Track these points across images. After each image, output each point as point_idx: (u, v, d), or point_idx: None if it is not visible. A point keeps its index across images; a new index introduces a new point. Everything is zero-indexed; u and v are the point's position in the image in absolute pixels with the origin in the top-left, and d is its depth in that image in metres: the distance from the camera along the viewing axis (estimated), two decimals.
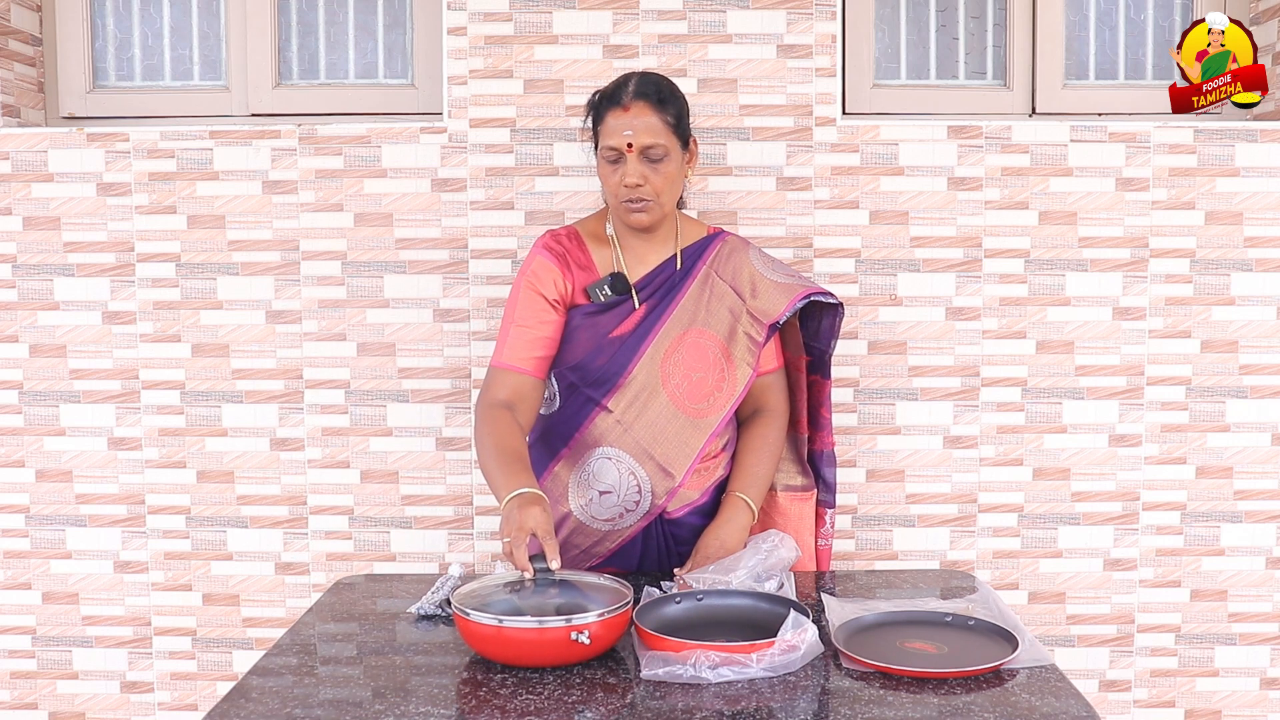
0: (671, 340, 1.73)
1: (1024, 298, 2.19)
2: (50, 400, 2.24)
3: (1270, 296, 2.19)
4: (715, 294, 1.77)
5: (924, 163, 2.18)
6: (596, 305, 1.74)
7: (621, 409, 1.71)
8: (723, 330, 1.75)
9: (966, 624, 1.42)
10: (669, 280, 1.77)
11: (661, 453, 1.72)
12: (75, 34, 2.36)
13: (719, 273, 1.78)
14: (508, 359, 1.71)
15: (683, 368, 1.73)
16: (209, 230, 2.21)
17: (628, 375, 1.72)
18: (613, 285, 1.74)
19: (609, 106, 1.68)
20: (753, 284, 1.78)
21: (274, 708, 1.22)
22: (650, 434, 1.72)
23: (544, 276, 1.73)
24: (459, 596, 1.37)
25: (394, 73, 2.38)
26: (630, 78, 1.70)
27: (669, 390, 1.72)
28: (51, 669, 2.29)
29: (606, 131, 1.68)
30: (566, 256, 1.75)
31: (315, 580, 2.25)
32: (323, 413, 2.23)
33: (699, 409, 1.74)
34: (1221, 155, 2.17)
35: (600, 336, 1.73)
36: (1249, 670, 2.25)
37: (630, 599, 1.36)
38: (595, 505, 1.74)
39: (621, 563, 1.78)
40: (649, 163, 1.67)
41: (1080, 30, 2.37)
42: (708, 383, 1.74)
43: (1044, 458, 2.22)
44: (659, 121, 1.66)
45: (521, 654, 1.30)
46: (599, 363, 1.72)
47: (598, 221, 1.81)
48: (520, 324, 1.72)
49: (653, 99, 1.67)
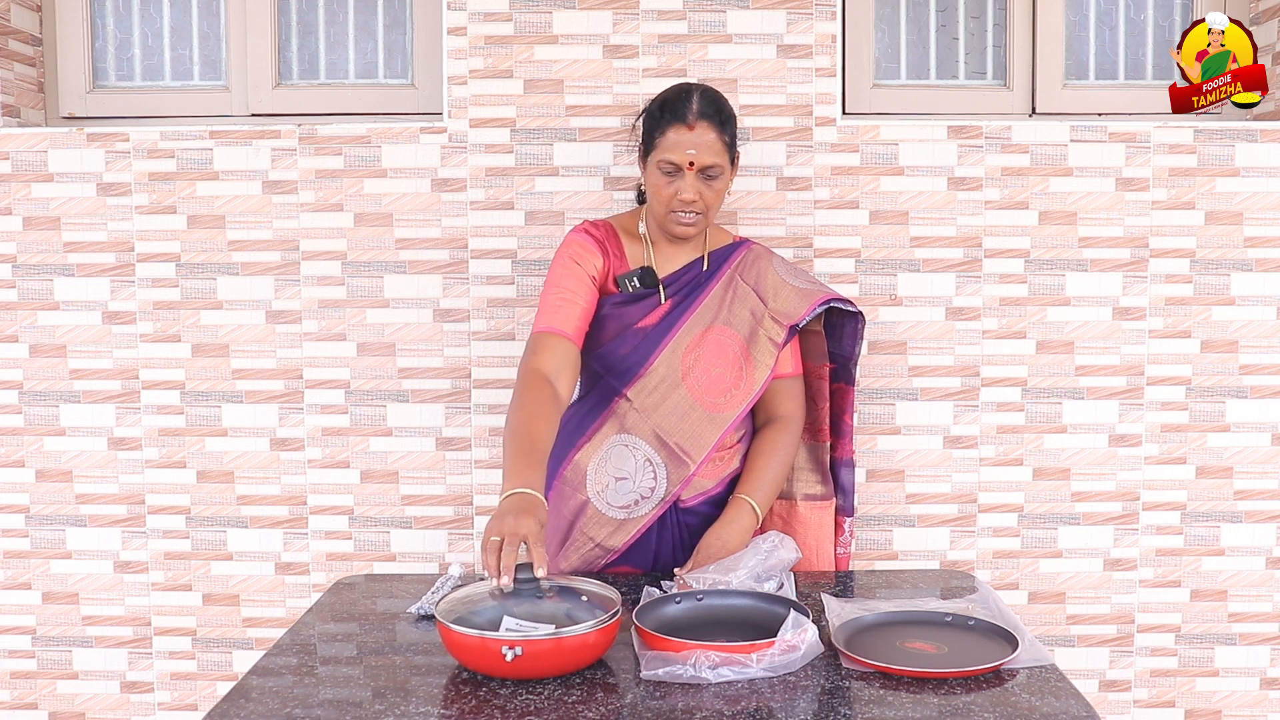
0: (694, 336, 1.77)
1: (1024, 298, 2.19)
2: (50, 400, 2.24)
3: (1270, 296, 2.19)
4: (738, 296, 1.81)
5: (924, 163, 2.18)
6: (624, 296, 1.78)
7: (641, 398, 1.75)
8: (744, 330, 1.80)
9: (966, 624, 1.42)
10: (695, 279, 1.81)
11: (677, 441, 1.75)
12: (75, 34, 2.36)
13: (743, 276, 1.83)
14: (557, 324, 1.71)
15: (703, 363, 1.77)
16: (209, 230, 2.21)
17: (649, 366, 1.76)
18: (642, 278, 1.78)
19: (672, 121, 1.70)
20: (775, 289, 1.83)
21: (274, 708, 1.22)
22: (668, 422, 1.75)
23: (585, 255, 1.78)
24: (447, 602, 1.35)
25: (394, 73, 2.38)
26: (692, 92, 1.73)
27: (688, 384, 1.76)
28: (51, 669, 2.29)
29: (667, 145, 1.70)
30: (605, 243, 1.80)
31: (315, 580, 2.25)
32: (323, 413, 2.23)
33: (716, 404, 1.77)
34: (1221, 155, 2.17)
35: (626, 327, 1.78)
36: (1249, 670, 2.25)
37: (617, 611, 1.33)
38: (611, 492, 1.76)
39: (637, 560, 1.79)
40: (705, 180, 1.72)
41: (1080, 30, 2.37)
42: (726, 379, 1.77)
43: (1044, 458, 2.22)
44: (719, 142, 1.71)
45: (468, 661, 1.29)
46: (622, 352, 1.77)
47: (631, 219, 1.86)
48: (567, 290, 1.74)
49: (715, 119, 1.71)
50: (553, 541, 1.80)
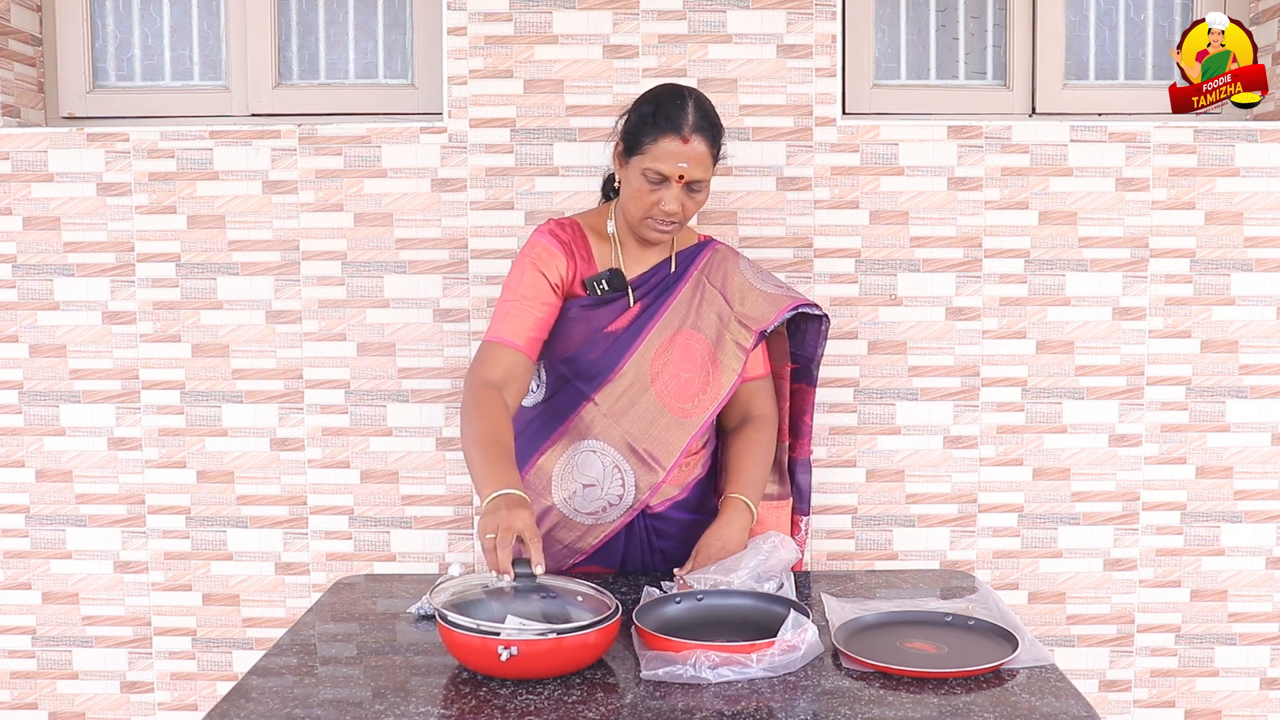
0: (663, 340, 1.75)
1: (1024, 298, 2.19)
2: (50, 400, 2.24)
3: (1270, 296, 2.19)
4: (705, 299, 1.79)
5: (924, 163, 2.18)
6: (592, 299, 1.75)
7: (609, 402, 1.72)
8: (711, 334, 1.77)
9: (966, 624, 1.42)
10: (663, 281, 1.79)
11: (646, 447, 1.72)
12: (75, 34, 2.36)
13: (710, 278, 1.81)
14: (506, 334, 1.69)
15: (671, 367, 1.74)
16: (209, 230, 2.21)
17: (618, 370, 1.73)
18: (610, 281, 1.74)
19: (667, 129, 1.65)
20: (741, 292, 1.81)
21: (274, 708, 1.22)
22: (637, 428, 1.72)
23: (548, 260, 1.73)
24: (442, 596, 1.35)
25: (394, 73, 2.38)
26: (686, 101, 1.68)
27: (657, 388, 1.73)
28: (51, 669, 2.29)
29: (658, 154, 1.65)
30: (571, 245, 1.76)
31: (315, 580, 2.25)
32: (323, 413, 2.23)
33: (684, 409, 1.75)
34: (1221, 155, 2.17)
35: (595, 331, 1.74)
36: (1249, 670, 2.25)
37: (617, 611, 1.34)
38: (579, 498, 1.74)
39: (604, 560, 1.78)
40: (689, 193, 1.69)
41: (1080, 30, 2.37)
42: (694, 384, 1.75)
43: (1044, 458, 2.22)
44: (709, 155, 1.68)
45: (468, 661, 1.29)
46: (591, 357, 1.73)
47: (598, 217, 1.82)
48: (522, 299, 1.70)
49: (709, 133, 1.67)
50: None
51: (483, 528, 1.42)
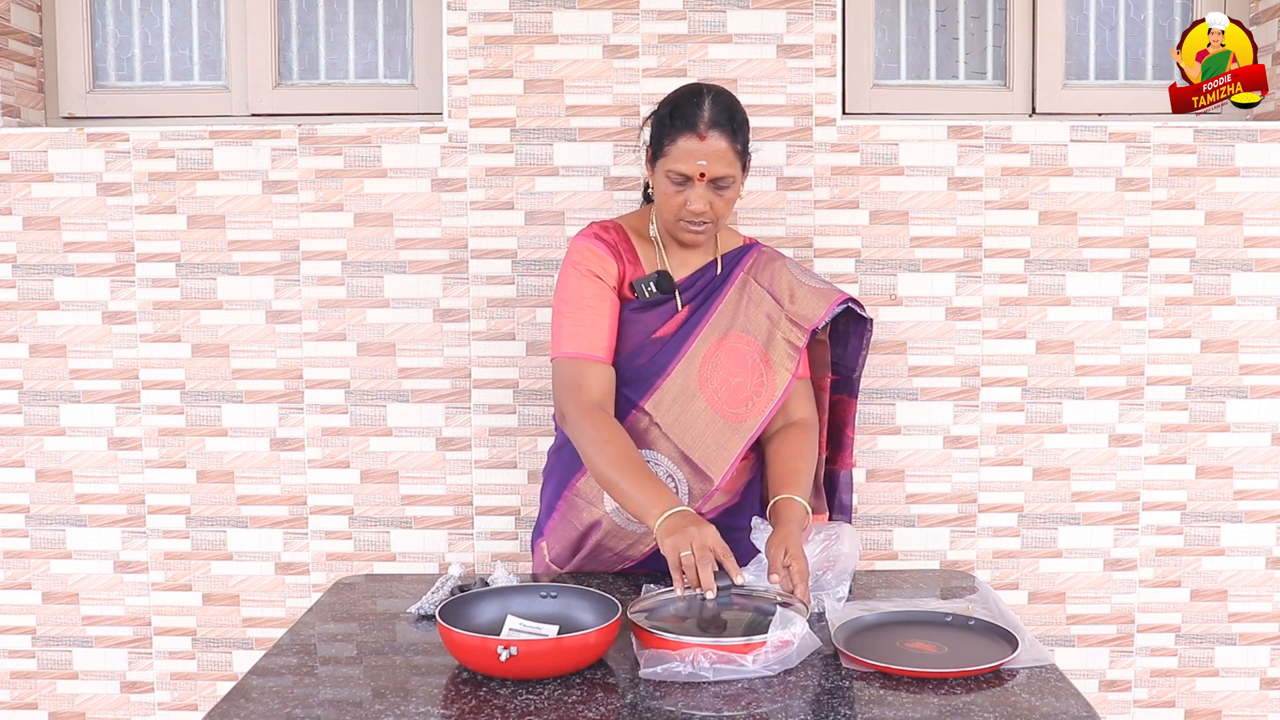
0: (710, 345, 1.72)
1: (1024, 298, 2.19)
2: (50, 400, 2.24)
3: (1270, 296, 2.19)
4: (753, 299, 1.76)
5: (924, 163, 2.18)
6: (641, 302, 1.72)
7: (660, 412, 1.70)
8: (761, 335, 1.74)
9: (966, 624, 1.42)
10: (710, 284, 1.77)
11: (700, 456, 1.70)
12: (75, 34, 2.36)
13: (757, 279, 1.78)
14: (587, 348, 1.66)
15: (721, 372, 1.71)
16: (209, 230, 2.21)
17: (666, 377, 1.70)
18: (658, 283, 1.72)
19: (683, 129, 1.63)
20: (791, 290, 1.78)
21: (274, 708, 1.22)
22: (689, 438, 1.70)
23: (599, 263, 1.71)
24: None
25: (394, 73, 2.38)
26: (703, 97, 1.66)
27: (706, 394, 1.71)
28: (51, 669, 2.29)
29: (677, 154, 1.63)
30: (618, 248, 1.74)
31: (315, 580, 2.25)
32: (323, 413, 2.23)
33: (737, 414, 1.71)
34: (1221, 155, 2.17)
35: (644, 335, 1.72)
36: (1249, 670, 2.25)
37: (617, 612, 1.34)
38: None
39: (653, 567, 1.75)
40: (716, 190, 1.66)
41: (1080, 30, 2.37)
42: (746, 387, 1.72)
43: (1044, 458, 2.22)
44: (731, 151, 1.64)
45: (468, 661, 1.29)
46: (639, 362, 1.72)
47: (641, 220, 1.81)
48: (589, 308, 1.68)
49: (727, 128, 1.64)
50: (563, 555, 1.78)
51: (674, 547, 1.44)
